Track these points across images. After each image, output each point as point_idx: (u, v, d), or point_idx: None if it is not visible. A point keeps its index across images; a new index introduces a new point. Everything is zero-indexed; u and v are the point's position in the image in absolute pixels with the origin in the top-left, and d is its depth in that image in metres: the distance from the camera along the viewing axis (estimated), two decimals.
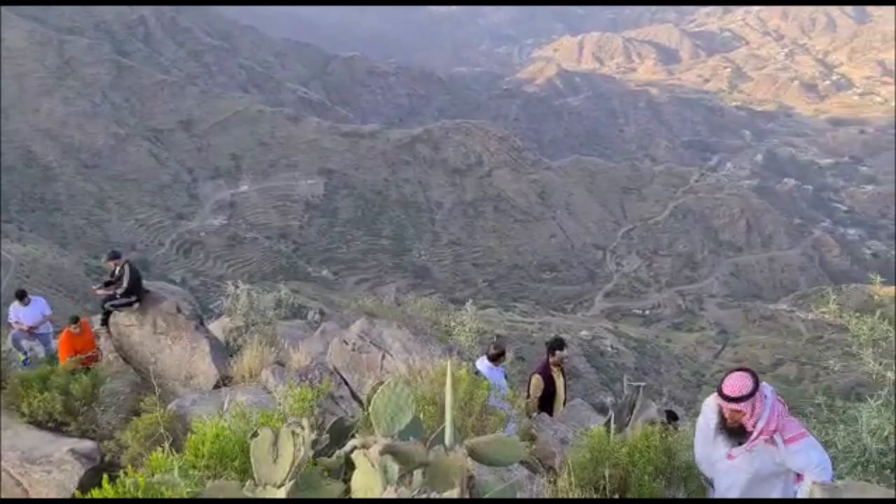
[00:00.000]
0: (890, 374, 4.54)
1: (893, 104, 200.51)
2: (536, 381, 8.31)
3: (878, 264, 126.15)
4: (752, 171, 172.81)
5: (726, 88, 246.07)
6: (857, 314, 4.99)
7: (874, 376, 4.87)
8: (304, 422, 3.17)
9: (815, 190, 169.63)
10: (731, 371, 4.16)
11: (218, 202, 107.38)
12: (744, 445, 4.06)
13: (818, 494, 3.20)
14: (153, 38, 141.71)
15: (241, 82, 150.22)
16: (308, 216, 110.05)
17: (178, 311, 8.61)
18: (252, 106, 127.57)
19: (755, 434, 4.02)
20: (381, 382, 3.20)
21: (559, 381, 8.42)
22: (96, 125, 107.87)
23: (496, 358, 7.79)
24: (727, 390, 4.01)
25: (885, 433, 4.40)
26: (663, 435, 4.61)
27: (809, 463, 3.99)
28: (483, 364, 7.53)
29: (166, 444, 3.54)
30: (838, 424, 5.12)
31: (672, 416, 6.83)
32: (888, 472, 4.42)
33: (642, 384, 7.79)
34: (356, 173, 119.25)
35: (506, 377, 7.63)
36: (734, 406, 3.98)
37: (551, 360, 8.40)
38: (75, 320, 9.93)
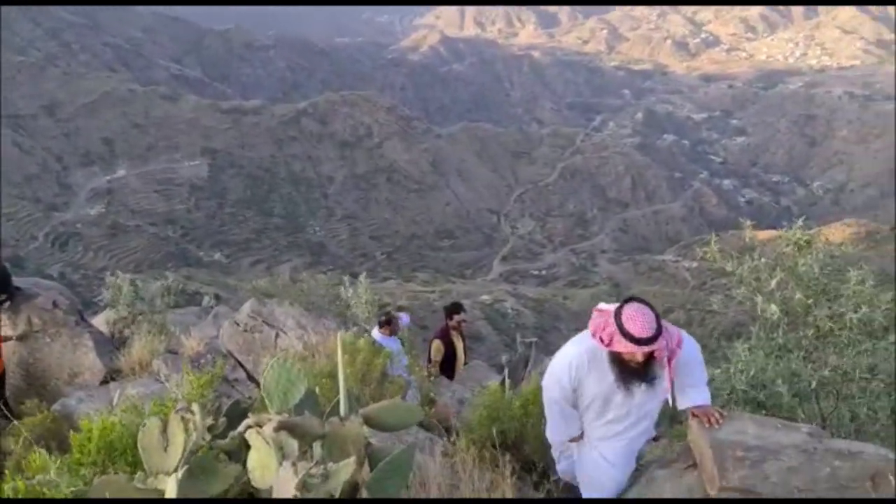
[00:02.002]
0: (773, 307, 4.84)
1: (758, 58, 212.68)
2: (437, 346, 8.46)
3: (751, 211, 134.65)
4: (633, 129, 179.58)
5: (605, 49, 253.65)
6: (737, 255, 5.28)
7: (759, 311, 5.15)
8: (195, 406, 3.08)
9: (691, 144, 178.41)
10: (620, 308, 3.41)
11: (93, 190, 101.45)
12: (655, 380, 3.53)
13: (696, 428, 3.36)
14: (5, 16, 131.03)
15: (107, 61, 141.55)
16: (194, 199, 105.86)
17: (55, 306, 8.13)
18: (122, 85, 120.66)
19: (666, 361, 3.49)
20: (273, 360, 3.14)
21: (459, 345, 8.62)
22: None
23: (384, 326, 7.90)
24: (641, 332, 3.30)
25: (752, 372, 4.70)
26: None
27: (693, 358, 3.64)
28: (377, 334, 7.59)
29: (44, 446, 3.36)
30: (720, 363, 5.43)
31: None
32: (754, 405, 4.74)
33: (534, 340, 8.05)
34: (241, 152, 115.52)
35: (403, 344, 7.70)
36: (651, 347, 3.34)
37: (450, 324, 8.59)
38: None
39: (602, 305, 3.64)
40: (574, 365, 3.63)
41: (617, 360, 3.48)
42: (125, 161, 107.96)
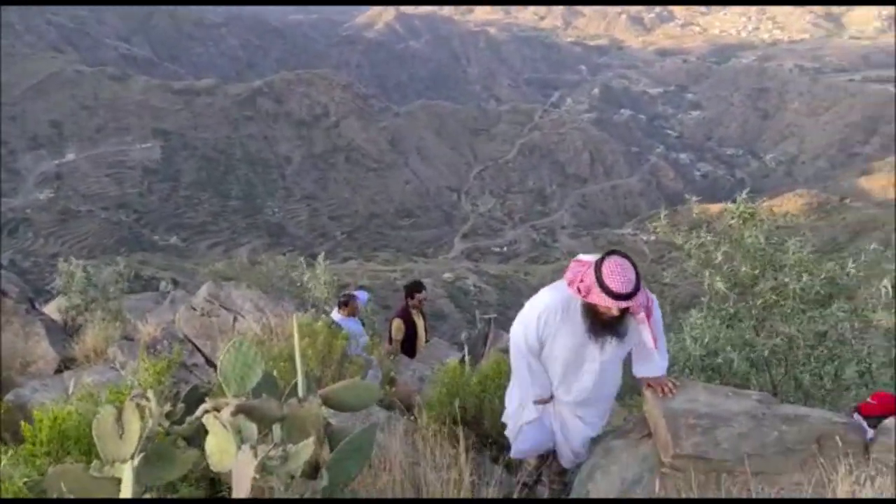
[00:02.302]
0: (718, 283, 4.95)
1: (711, 33, 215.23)
2: (397, 325, 8.45)
3: (707, 184, 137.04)
4: (590, 104, 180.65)
5: (561, 25, 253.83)
6: (687, 229, 5.38)
7: (704, 285, 5.27)
8: (150, 393, 3.05)
9: (648, 119, 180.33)
10: (601, 261, 3.27)
11: (42, 175, 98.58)
12: (626, 336, 3.47)
13: (651, 398, 3.45)
14: None
15: (52, 41, 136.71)
16: (147, 182, 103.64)
17: (4, 294, 7.92)
18: (69, 66, 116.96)
19: (640, 314, 3.42)
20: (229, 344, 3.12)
21: (419, 323, 8.65)
22: None
23: (343, 307, 7.89)
24: (620, 287, 3.18)
25: (706, 340, 4.82)
26: None
27: (659, 318, 3.64)
28: (336, 315, 7.57)
29: None
30: (675, 332, 5.54)
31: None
32: (709, 372, 4.88)
33: (493, 316, 8.12)
34: (195, 133, 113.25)
35: (363, 325, 7.69)
36: (628, 303, 3.25)
37: (410, 302, 8.60)
38: None
39: (582, 256, 3.57)
40: (543, 319, 3.51)
41: (591, 312, 3.38)
42: (74, 144, 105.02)
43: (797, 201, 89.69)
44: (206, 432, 3.11)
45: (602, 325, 3.39)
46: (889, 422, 3.41)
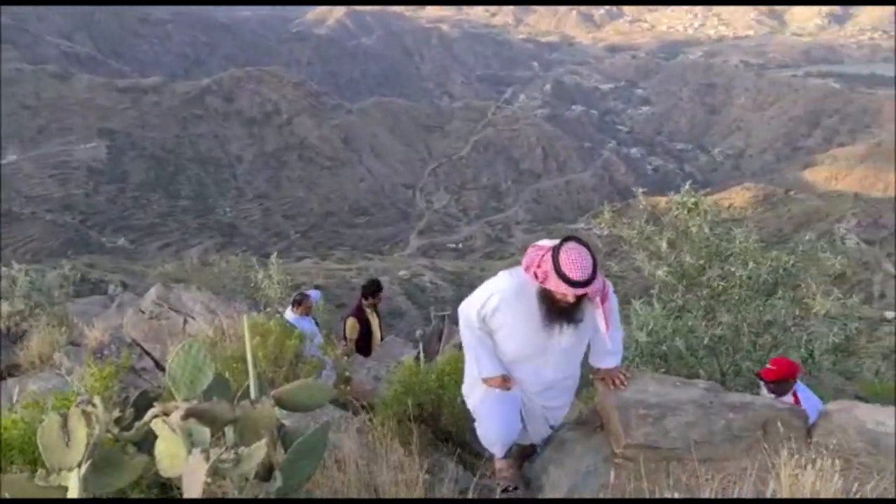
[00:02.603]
0: (660, 273, 5.05)
1: (659, 29, 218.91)
2: (352, 324, 8.42)
3: (658, 177, 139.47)
4: (542, 100, 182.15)
5: (512, 22, 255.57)
6: (629, 221, 5.47)
7: (645, 274, 5.37)
8: (96, 399, 2.98)
9: (599, 114, 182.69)
10: (559, 247, 3.23)
11: None
12: (581, 323, 3.42)
13: (602, 390, 3.50)
14: None
15: None
16: (93, 183, 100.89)
17: None
18: (8, 64, 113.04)
19: (599, 301, 3.39)
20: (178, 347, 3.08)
21: (374, 321, 8.62)
22: None
23: (297, 306, 7.81)
24: (577, 275, 3.14)
25: (651, 326, 4.91)
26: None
27: (614, 306, 3.68)
28: (290, 315, 7.50)
29: None
30: (625, 324, 5.63)
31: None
32: (657, 360, 4.98)
33: (447, 313, 8.13)
34: (142, 132, 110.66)
35: (317, 324, 7.62)
36: (584, 290, 3.22)
37: (365, 302, 8.55)
38: None
39: (540, 242, 3.51)
40: (496, 300, 3.41)
41: (546, 298, 3.31)
42: (15, 145, 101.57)
43: (744, 194, 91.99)
44: (157, 437, 3.07)
45: (558, 311, 3.33)
46: (832, 405, 3.53)
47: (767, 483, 2.66)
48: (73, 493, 2.69)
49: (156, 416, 3.11)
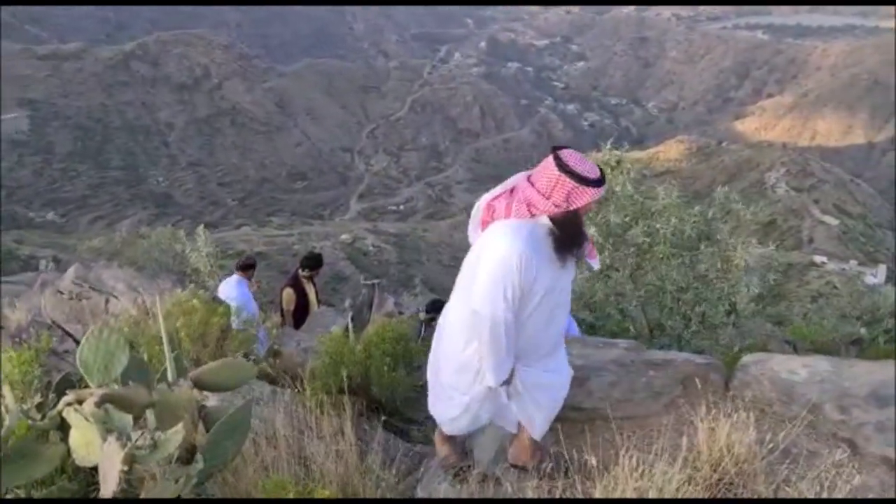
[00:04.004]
0: (593, 234, 5.09)
1: None
2: (288, 294, 8.24)
3: (594, 133, 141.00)
4: (478, 58, 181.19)
5: None
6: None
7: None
8: (5, 388, 2.87)
9: (535, 71, 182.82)
10: (562, 163, 2.78)
11: None
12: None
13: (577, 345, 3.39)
14: None
15: None
16: (17, 155, 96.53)
17: None
18: None
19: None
20: (87, 333, 2.96)
21: (311, 292, 8.45)
22: None
23: (247, 269, 7.49)
24: (595, 171, 2.78)
25: (579, 292, 4.97)
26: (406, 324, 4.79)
27: None
28: (233, 279, 7.14)
29: None
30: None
31: (437, 307, 5.18)
32: (585, 326, 5.05)
33: (377, 281, 8.08)
34: (66, 101, 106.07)
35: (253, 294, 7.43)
36: (606, 185, 2.87)
37: (301, 273, 8.34)
38: None
39: (486, 196, 3.09)
40: (523, 265, 2.77)
41: (568, 224, 2.84)
42: None
43: (679, 147, 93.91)
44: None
45: (571, 240, 2.88)
46: (748, 358, 3.65)
47: (685, 436, 2.73)
48: None
49: (69, 404, 3.01)
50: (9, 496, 2.84)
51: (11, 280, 14.09)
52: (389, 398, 4.29)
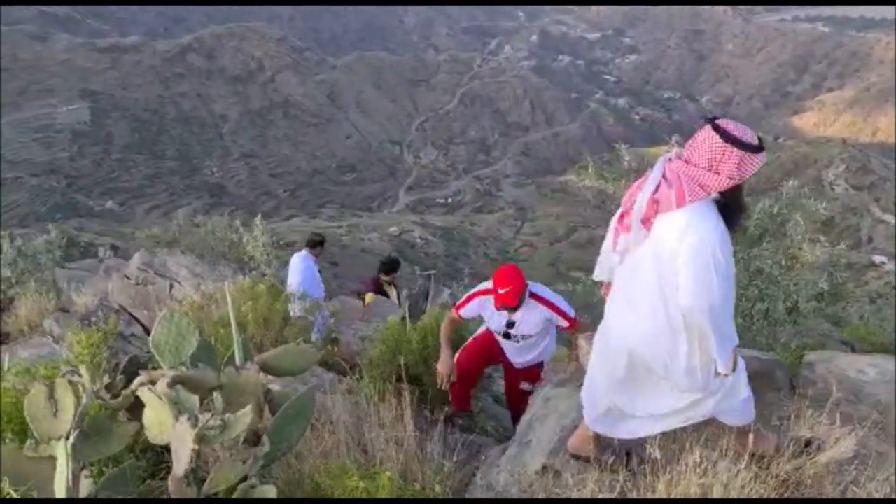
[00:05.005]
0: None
1: None
2: (370, 298, 8.73)
3: (645, 127, 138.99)
4: (529, 51, 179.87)
5: None
6: (616, 177, 5.42)
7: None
8: (82, 368, 2.98)
9: (586, 64, 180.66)
10: (725, 133, 2.60)
11: None
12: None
13: (585, 347, 3.51)
14: None
15: None
16: (78, 146, 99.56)
17: None
18: None
19: None
20: (160, 316, 3.07)
21: (392, 294, 8.88)
22: None
23: (317, 246, 7.63)
24: (754, 135, 2.74)
25: None
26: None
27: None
28: (304, 255, 7.30)
29: None
30: None
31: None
32: None
33: (433, 272, 8.21)
34: (124, 93, 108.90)
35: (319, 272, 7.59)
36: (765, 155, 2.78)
37: (383, 278, 8.80)
38: None
39: (649, 190, 2.76)
40: (726, 243, 2.67)
41: (736, 197, 2.78)
42: None
43: None
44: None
45: (742, 208, 2.87)
46: (813, 356, 3.56)
47: (748, 436, 2.70)
48: (61, 463, 2.71)
49: (142, 385, 3.12)
50: (84, 472, 2.96)
51: (73, 266, 14.60)
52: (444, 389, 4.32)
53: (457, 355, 4.23)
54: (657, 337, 2.72)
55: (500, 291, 4.03)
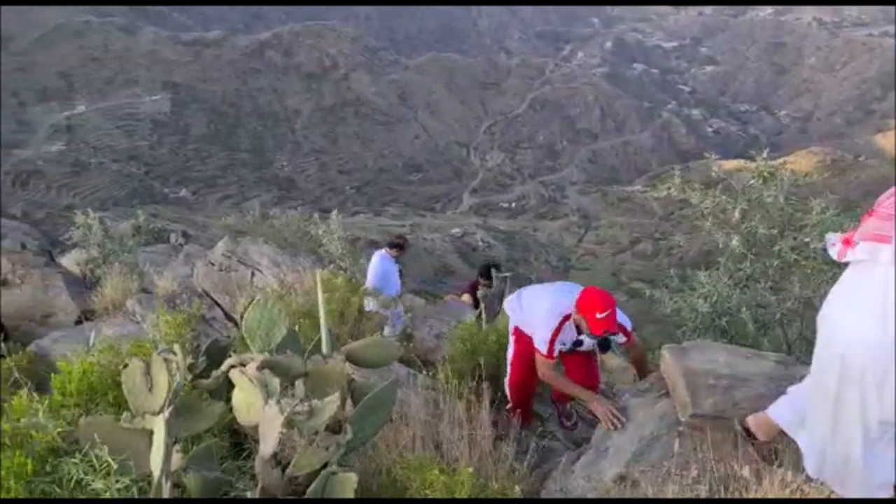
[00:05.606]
0: (734, 242, 4.94)
1: None
2: (467, 299, 9.28)
3: (719, 140, 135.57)
4: (602, 58, 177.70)
5: None
6: (701, 188, 5.34)
7: (719, 245, 5.26)
8: (176, 347, 3.11)
9: (661, 73, 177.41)
10: None
11: (53, 126, 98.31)
12: None
13: (668, 357, 3.46)
14: None
15: None
16: (157, 135, 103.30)
17: (23, 247, 8.02)
18: (76, 17, 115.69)
19: None
20: (254, 300, 3.17)
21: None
22: None
23: (398, 248, 7.70)
24: None
25: (715, 298, 4.80)
26: None
27: None
28: (384, 254, 7.45)
29: (26, 388, 3.37)
30: (686, 293, 5.53)
31: (606, 345, 4.78)
32: (720, 332, 4.88)
33: (509, 274, 8.24)
34: (204, 85, 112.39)
35: (401, 272, 7.73)
36: None
37: (481, 281, 9.19)
38: None
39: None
40: None
41: None
42: (84, 96, 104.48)
43: (810, 158, 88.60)
44: (231, 386, 3.19)
45: None
46: None
47: None
48: (158, 437, 2.83)
49: (232, 367, 3.23)
50: (175, 447, 3.08)
51: (148, 250, 15.16)
52: None
53: (510, 378, 4.21)
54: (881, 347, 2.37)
55: (599, 316, 3.84)
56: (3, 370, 4.68)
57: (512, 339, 4.32)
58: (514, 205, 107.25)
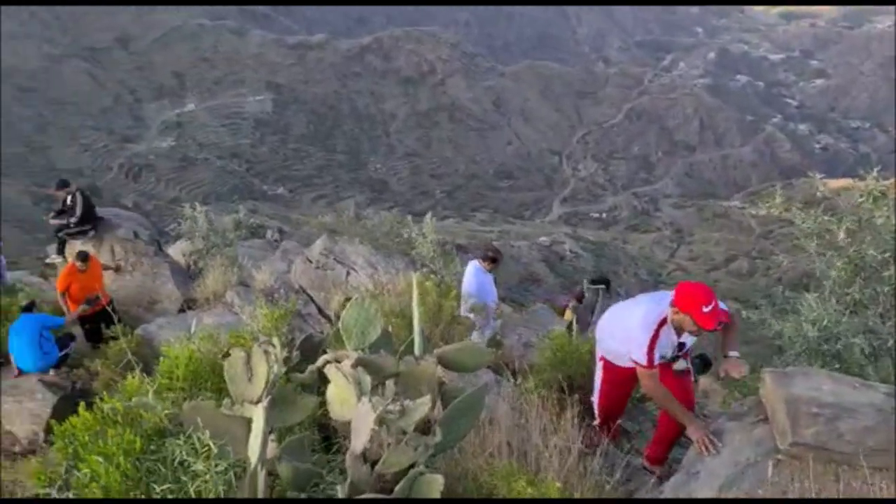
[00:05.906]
0: (839, 265, 4.71)
1: None
2: (573, 307, 9.20)
3: (826, 157, 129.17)
4: (704, 69, 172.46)
5: None
6: (803, 207, 5.12)
7: (817, 272, 5.05)
8: (275, 340, 3.23)
9: (766, 86, 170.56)
10: None
11: (164, 123, 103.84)
12: None
13: (770, 382, 3.33)
14: None
15: None
16: (259, 134, 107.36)
17: (136, 236, 8.48)
18: (191, 20, 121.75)
19: None
20: (349, 299, 3.25)
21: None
22: (27, 46, 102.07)
23: (489, 261, 7.69)
24: None
25: (825, 322, 4.58)
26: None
27: None
28: (477, 266, 7.45)
29: (137, 370, 3.57)
30: (788, 314, 5.31)
31: (705, 363, 4.50)
32: (828, 358, 4.65)
33: (602, 286, 8.04)
34: (305, 87, 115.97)
35: (496, 281, 7.70)
36: None
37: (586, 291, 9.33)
38: (84, 257, 8.37)
39: None
40: None
41: None
42: (194, 95, 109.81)
43: None
44: (324, 381, 3.29)
45: None
46: None
47: None
48: (257, 425, 2.95)
49: (328, 362, 3.33)
50: (271, 436, 3.20)
51: (246, 245, 15.77)
52: None
53: (598, 401, 4.09)
54: None
55: (706, 310, 3.65)
56: (117, 352, 4.99)
57: (600, 364, 4.17)
58: (605, 215, 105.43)
